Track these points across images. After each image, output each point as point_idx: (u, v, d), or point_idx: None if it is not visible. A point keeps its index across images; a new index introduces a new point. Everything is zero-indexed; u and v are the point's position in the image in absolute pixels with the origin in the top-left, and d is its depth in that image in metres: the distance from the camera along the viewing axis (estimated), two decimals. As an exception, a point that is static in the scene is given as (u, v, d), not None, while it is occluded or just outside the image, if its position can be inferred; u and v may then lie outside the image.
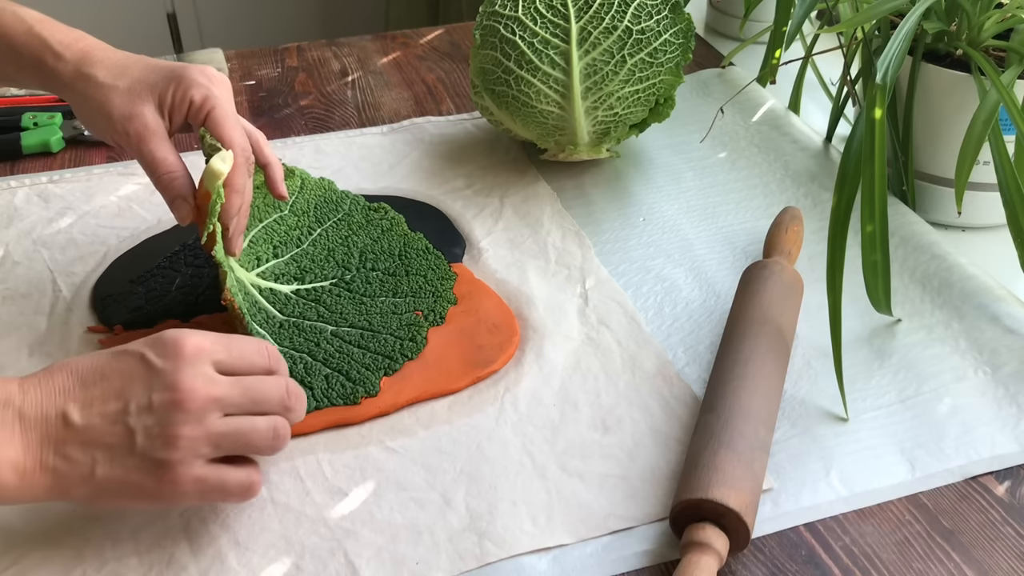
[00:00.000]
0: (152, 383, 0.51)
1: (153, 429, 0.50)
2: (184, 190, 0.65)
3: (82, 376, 0.52)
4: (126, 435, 0.50)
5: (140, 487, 0.51)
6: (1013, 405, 0.64)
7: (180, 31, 2.33)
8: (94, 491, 0.51)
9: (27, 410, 0.50)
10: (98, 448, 0.50)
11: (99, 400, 0.51)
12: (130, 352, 0.53)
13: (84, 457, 0.50)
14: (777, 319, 0.65)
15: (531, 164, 0.90)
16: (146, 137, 0.65)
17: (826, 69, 0.99)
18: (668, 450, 0.61)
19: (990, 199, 0.79)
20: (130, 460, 0.51)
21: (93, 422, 0.51)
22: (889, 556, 0.55)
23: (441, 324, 0.70)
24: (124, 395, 0.51)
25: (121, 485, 0.51)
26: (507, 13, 0.82)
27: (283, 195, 0.72)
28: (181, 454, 0.51)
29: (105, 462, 0.50)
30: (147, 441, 0.50)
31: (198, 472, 0.51)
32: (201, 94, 0.66)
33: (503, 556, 0.55)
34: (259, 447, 0.53)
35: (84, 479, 0.50)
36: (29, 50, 0.67)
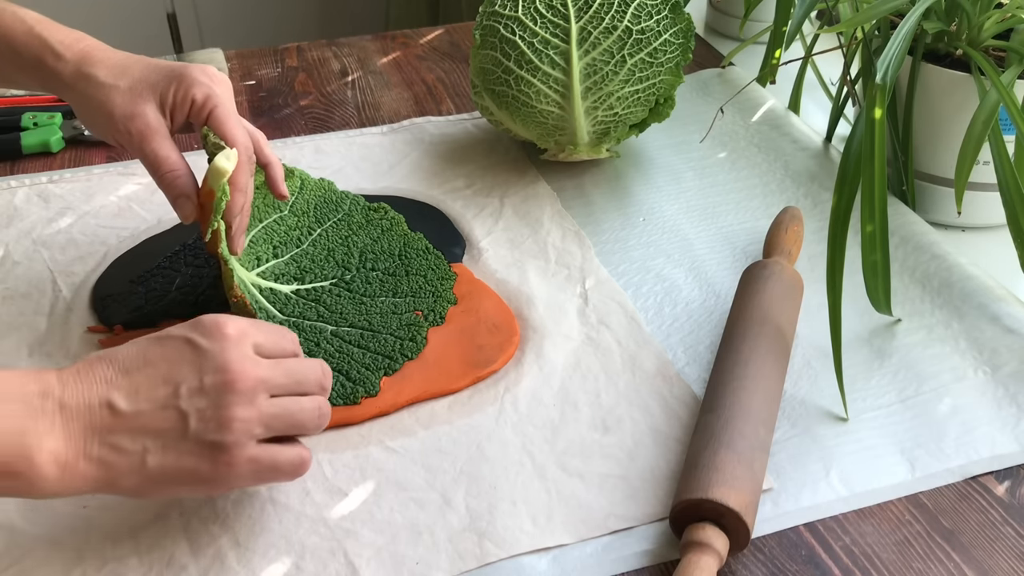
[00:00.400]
0: (202, 365, 0.51)
1: (207, 412, 0.50)
2: (187, 188, 0.65)
3: (123, 364, 0.51)
4: (179, 419, 0.50)
5: (194, 472, 0.50)
6: (1013, 405, 0.64)
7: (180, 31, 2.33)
8: (144, 480, 0.50)
9: (68, 400, 0.49)
10: (149, 435, 0.49)
11: (146, 386, 0.50)
12: (173, 336, 0.52)
13: (134, 445, 0.49)
14: (777, 319, 0.65)
15: (531, 164, 0.90)
16: (148, 136, 0.65)
17: (826, 69, 0.99)
18: (668, 450, 0.61)
19: (990, 199, 0.79)
20: (184, 445, 0.50)
21: (142, 408, 0.50)
22: (889, 556, 0.55)
23: (441, 324, 0.71)
24: (173, 379, 0.50)
25: (174, 472, 0.50)
26: (507, 13, 0.82)
27: (284, 194, 0.72)
28: (236, 436, 0.50)
29: (157, 449, 0.49)
30: (201, 424, 0.50)
31: (252, 452, 0.51)
32: (203, 93, 0.66)
33: (503, 556, 0.55)
34: (307, 426, 0.53)
35: (134, 469, 0.49)
36: (29, 50, 0.67)
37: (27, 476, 0.47)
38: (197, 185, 0.66)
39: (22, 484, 0.48)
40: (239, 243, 0.68)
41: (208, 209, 0.64)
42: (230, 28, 2.36)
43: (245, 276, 0.69)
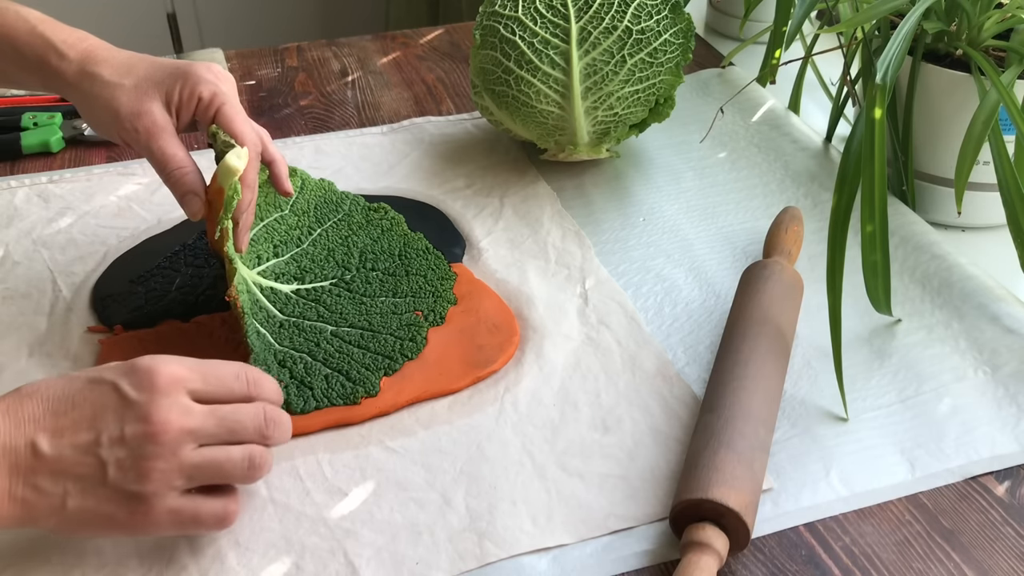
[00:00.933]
0: (124, 414, 0.50)
1: (125, 461, 0.50)
2: (195, 185, 0.65)
3: (52, 404, 0.50)
4: (97, 466, 0.49)
5: (111, 518, 0.50)
6: (1013, 405, 0.64)
7: (180, 31, 2.33)
8: (64, 522, 0.50)
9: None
10: (69, 479, 0.49)
11: (70, 430, 0.50)
12: (104, 380, 0.51)
13: (55, 488, 0.49)
14: (777, 319, 0.65)
15: (531, 164, 0.90)
16: (155, 133, 0.65)
17: (826, 69, 0.99)
18: (668, 450, 0.61)
19: (990, 199, 0.79)
20: (102, 491, 0.50)
21: (64, 452, 0.49)
22: (889, 556, 0.55)
23: (441, 324, 0.70)
24: (96, 425, 0.50)
25: (92, 516, 0.50)
26: (507, 13, 0.82)
27: (289, 191, 0.72)
28: (154, 486, 0.50)
29: (76, 493, 0.49)
30: (119, 473, 0.49)
31: (172, 504, 0.51)
32: (209, 91, 0.66)
33: (503, 556, 0.55)
34: (234, 477, 0.53)
35: (54, 510, 0.49)
36: (32, 50, 0.67)
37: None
38: (204, 182, 0.66)
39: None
40: (244, 240, 0.68)
41: (216, 206, 0.64)
42: (230, 28, 2.36)
43: (247, 275, 0.69)
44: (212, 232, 0.66)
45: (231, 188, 0.62)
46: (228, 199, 0.62)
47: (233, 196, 0.63)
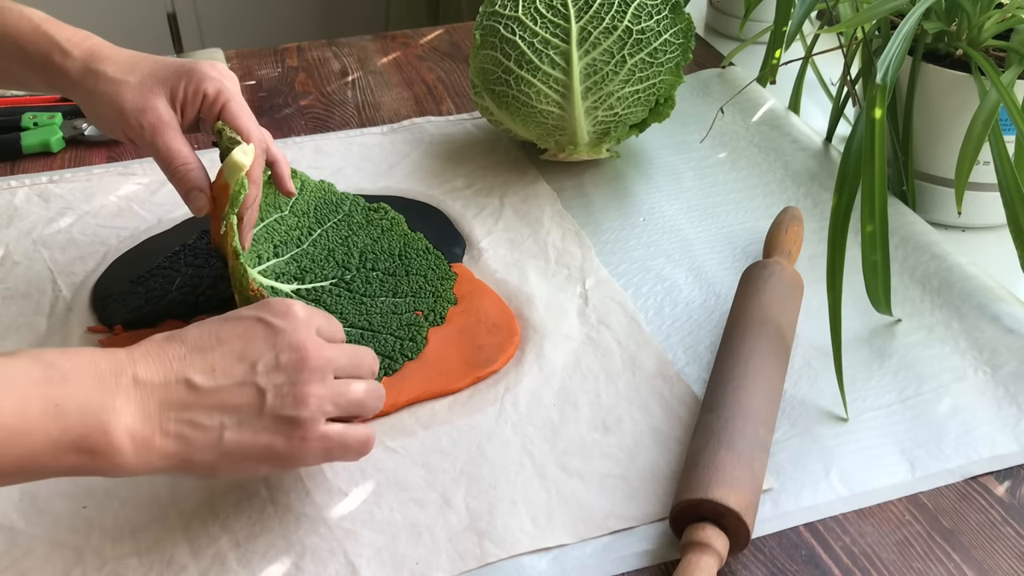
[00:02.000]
0: (277, 343, 0.52)
1: (283, 387, 0.51)
2: (200, 181, 0.65)
3: (196, 342, 0.51)
4: (256, 395, 0.50)
5: (269, 448, 0.51)
6: (1013, 405, 0.64)
7: (180, 31, 2.33)
8: (220, 456, 0.50)
9: (143, 376, 0.49)
10: (226, 411, 0.50)
11: (222, 363, 0.51)
12: (244, 317, 0.53)
13: (211, 421, 0.50)
14: (777, 319, 0.65)
15: (531, 164, 0.90)
16: (160, 129, 0.65)
17: (826, 69, 0.99)
18: (668, 450, 0.61)
19: (990, 199, 0.79)
20: (260, 421, 0.50)
21: (220, 384, 0.50)
22: (889, 556, 0.55)
23: (441, 324, 0.71)
24: (249, 356, 0.51)
25: (250, 447, 0.50)
26: (507, 13, 0.82)
27: (291, 191, 0.72)
28: (311, 412, 0.51)
29: (234, 425, 0.50)
30: (278, 399, 0.50)
31: (323, 430, 0.52)
32: (214, 88, 0.66)
33: (503, 556, 0.55)
34: (367, 407, 0.55)
35: (211, 445, 0.50)
36: (36, 48, 0.67)
37: (104, 452, 0.47)
38: (209, 179, 0.66)
39: (100, 461, 0.48)
40: (248, 236, 0.68)
41: (220, 203, 0.64)
42: (230, 28, 2.36)
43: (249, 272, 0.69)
44: (216, 229, 0.66)
45: (238, 183, 0.62)
46: (235, 194, 0.63)
47: (240, 191, 0.63)
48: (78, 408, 0.47)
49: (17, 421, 0.45)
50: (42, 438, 0.46)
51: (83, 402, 0.47)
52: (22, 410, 0.45)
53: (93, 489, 0.58)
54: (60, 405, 0.46)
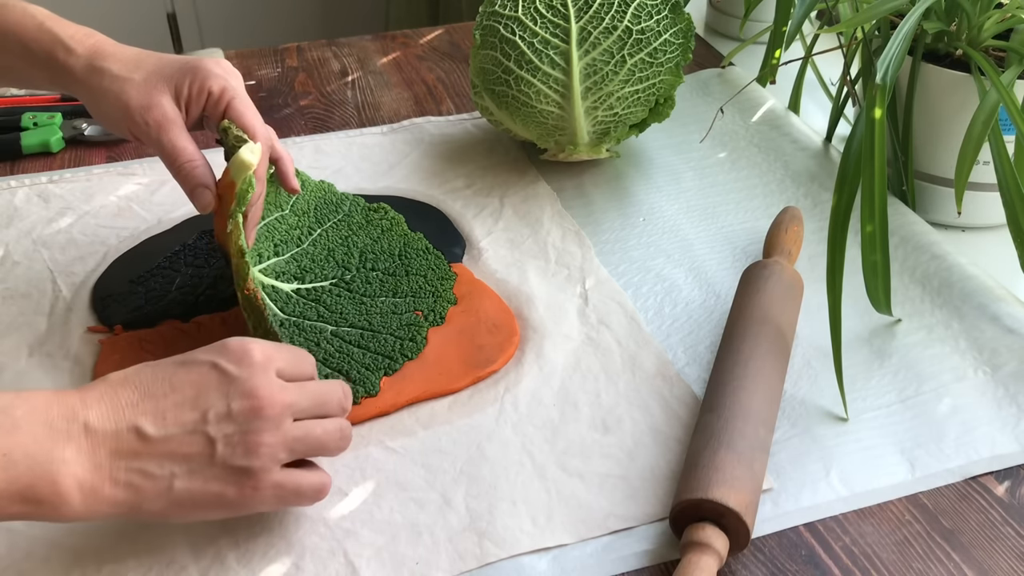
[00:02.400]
0: (229, 391, 0.51)
1: (234, 437, 0.50)
2: (205, 178, 0.65)
3: (148, 388, 0.50)
4: (207, 444, 0.50)
5: (220, 496, 0.50)
6: (1013, 405, 0.64)
7: (180, 31, 2.33)
8: (170, 505, 0.50)
9: (94, 423, 0.49)
10: (176, 460, 0.49)
11: (173, 411, 0.50)
12: (198, 361, 0.52)
13: (161, 471, 0.49)
14: (777, 319, 0.65)
15: (531, 164, 0.90)
16: (165, 126, 0.65)
17: (826, 69, 0.99)
18: (668, 450, 0.61)
19: (990, 199, 0.79)
20: (211, 470, 0.50)
21: (171, 433, 0.49)
22: (889, 556, 0.55)
23: (441, 324, 0.70)
24: (200, 404, 0.50)
25: (200, 496, 0.50)
26: (507, 13, 0.82)
27: (295, 188, 0.72)
28: (262, 461, 0.50)
29: (184, 474, 0.49)
30: (228, 449, 0.50)
31: (276, 478, 0.51)
32: (219, 85, 0.66)
33: (503, 556, 0.55)
34: (330, 449, 0.54)
35: (160, 493, 0.49)
36: (40, 45, 0.67)
37: (51, 502, 0.47)
38: (214, 176, 0.66)
39: (46, 510, 0.47)
40: (251, 234, 0.68)
41: (226, 200, 0.64)
42: (230, 28, 2.36)
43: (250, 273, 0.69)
44: (221, 227, 0.66)
45: (245, 181, 0.62)
46: (243, 192, 0.63)
47: (248, 189, 0.63)
48: (26, 458, 0.46)
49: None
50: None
51: (32, 452, 0.47)
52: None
53: (93, 489, 0.58)
54: (8, 455, 0.46)
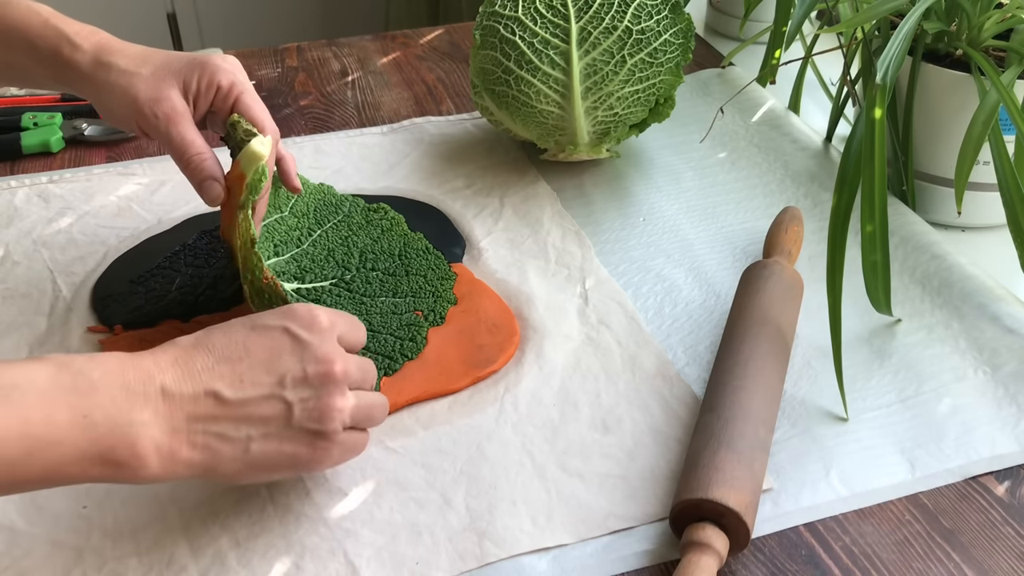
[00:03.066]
0: (303, 355, 0.52)
1: (310, 402, 0.51)
2: (214, 171, 0.65)
3: (222, 352, 0.51)
4: (284, 408, 0.51)
5: (294, 457, 0.52)
6: (1013, 405, 0.64)
7: (180, 31, 2.33)
8: (245, 466, 0.51)
9: (171, 388, 0.49)
10: (253, 423, 0.51)
11: (249, 374, 0.51)
12: (269, 326, 0.53)
13: (237, 433, 0.50)
14: (777, 319, 0.65)
15: (531, 164, 0.90)
16: (174, 119, 0.65)
17: (826, 69, 0.99)
18: (668, 450, 0.61)
19: (990, 199, 0.79)
20: (287, 433, 0.51)
21: (248, 396, 0.50)
22: (889, 556, 0.55)
23: (441, 324, 0.70)
24: (276, 368, 0.51)
25: (274, 458, 0.51)
26: (507, 13, 0.82)
27: (297, 187, 0.73)
28: (335, 424, 0.52)
29: (260, 437, 0.51)
30: (304, 413, 0.51)
31: (342, 439, 0.53)
32: (228, 80, 0.66)
33: (503, 556, 0.55)
34: (376, 420, 0.56)
35: (237, 456, 0.50)
36: (45, 42, 0.67)
37: (130, 464, 0.48)
38: (223, 169, 0.66)
39: (125, 472, 0.48)
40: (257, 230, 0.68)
41: (235, 193, 0.64)
42: (230, 28, 2.36)
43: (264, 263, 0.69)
44: (227, 221, 0.66)
45: (257, 171, 0.63)
46: (255, 182, 0.63)
47: (261, 178, 0.63)
48: (107, 420, 0.47)
49: (45, 431, 0.45)
50: (70, 449, 0.46)
51: (111, 414, 0.47)
52: (51, 420, 0.45)
53: (93, 489, 0.58)
54: (88, 416, 0.46)
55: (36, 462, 0.45)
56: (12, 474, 0.45)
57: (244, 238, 0.64)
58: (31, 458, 0.45)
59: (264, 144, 0.64)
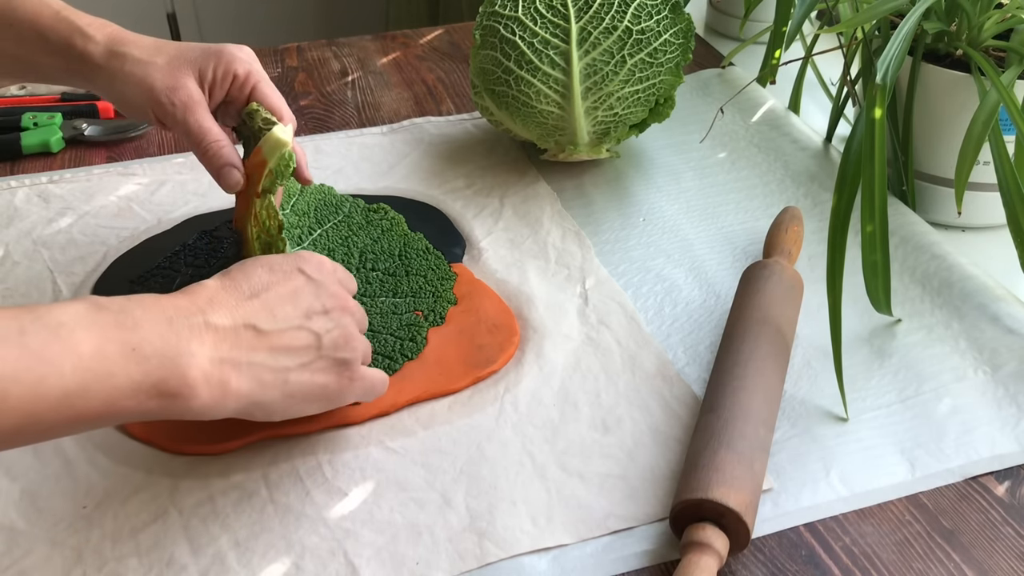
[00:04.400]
0: (319, 292, 0.56)
1: (333, 332, 0.55)
2: (233, 158, 0.66)
3: (250, 288, 0.54)
4: (313, 338, 0.54)
5: (324, 388, 0.55)
6: (1013, 405, 0.64)
7: (180, 31, 2.33)
8: (284, 397, 0.53)
9: (213, 321, 0.51)
10: (290, 353, 0.53)
11: (279, 307, 0.54)
12: (282, 267, 0.56)
13: (277, 363, 0.53)
14: (777, 319, 0.65)
15: (531, 164, 0.90)
16: (191, 107, 0.65)
17: (826, 69, 0.99)
18: (668, 450, 0.61)
19: (990, 199, 0.80)
20: (318, 363, 0.54)
21: (282, 327, 0.53)
22: (889, 556, 0.55)
23: (441, 324, 0.70)
24: (299, 303, 0.55)
25: (308, 388, 0.54)
26: (507, 13, 0.82)
27: (310, 179, 0.73)
28: (356, 353, 0.56)
29: (296, 367, 0.53)
30: (331, 342, 0.55)
31: (361, 370, 0.57)
32: (244, 68, 0.67)
33: (503, 556, 0.55)
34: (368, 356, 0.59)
35: (278, 385, 0.53)
36: (57, 33, 0.67)
37: (183, 394, 0.48)
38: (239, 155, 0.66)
39: (179, 403, 0.48)
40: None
41: (254, 181, 0.65)
42: (230, 28, 2.36)
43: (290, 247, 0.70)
44: (242, 209, 0.66)
45: (284, 157, 0.63)
46: (283, 167, 0.64)
47: (288, 164, 0.64)
48: (155, 353, 0.47)
49: (98, 364, 0.46)
50: (124, 381, 0.46)
51: (159, 347, 0.48)
52: (102, 353, 0.46)
53: (93, 489, 0.59)
54: (137, 349, 0.47)
55: (93, 395, 0.45)
56: (72, 408, 0.45)
57: (269, 224, 0.64)
58: (88, 391, 0.45)
59: (286, 132, 0.64)
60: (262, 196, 0.64)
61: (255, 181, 0.64)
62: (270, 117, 0.66)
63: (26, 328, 0.44)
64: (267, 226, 0.64)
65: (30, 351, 0.44)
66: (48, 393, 0.44)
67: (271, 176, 0.64)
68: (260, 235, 0.65)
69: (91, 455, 0.61)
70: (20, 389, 0.43)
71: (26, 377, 0.43)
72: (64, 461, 0.60)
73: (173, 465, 0.60)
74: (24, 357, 0.44)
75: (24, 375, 0.43)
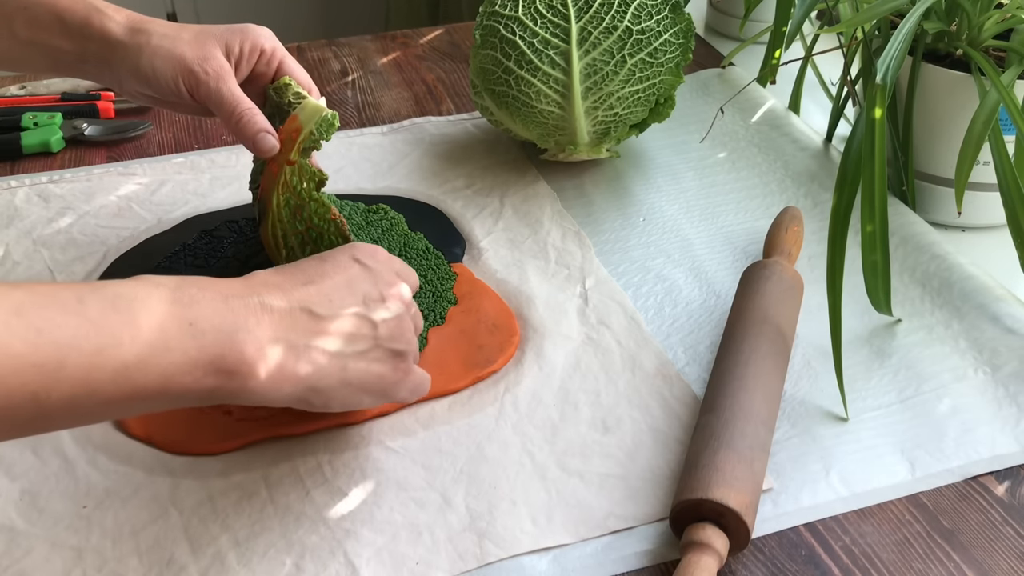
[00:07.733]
0: (376, 280, 0.55)
1: (390, 322, 0.55)
2: (267, 124, 0.66)
3: (305, 276, 0.54)
4: (370, 327, 0.54)
5: (380, 377, 0.54)
6: (1013, 405, 0.64)
7: (180, 31, 2.33)
8: (340, 384, 0.52)
9: (273, 304, 0.50)
10: (347, 340, 0.53)
11: (335, 294, 0.53)
12: (337, 258, 0.56)
13: (334, 348, 0.52)
14: (777, 319, 0.65)
15: (531, 164, 0.90)
16: (224, 76, 0.66)
17: (826, 69, 0.99)
18: (668, 450, 0.61)
19: (990, 199, 0.80)
20: (374, 352, 0.54)
21: (338, 313, 0.53)
22: (889, 556, 0.55)
23: (441, 324, 0.70)
24: (356, 291, 0.54)
25: (364, 376, 0.53)
26: (507, 13, 0.82)
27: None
28: (410, 346, 0.56)
29: (353, 355, 0.53)
30: (387, 332, 0.54)
31: (412, 365, 0.57)
32: (271, 44, 0.69)
33: (503, 556, 0.55)
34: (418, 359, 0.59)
35: (334, 372, 0.52)
36: (74, 14, 0.67)
37: (241, 373, 0.48)
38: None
39: (236, 382, 0.48)
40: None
41: (285, 149, 0.65)
42: (230, 28, 2.36)
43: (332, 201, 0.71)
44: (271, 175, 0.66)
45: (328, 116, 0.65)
46: (328, 126, 0.65)
47: (333, 123, 0.65)
48: (213, 329, 0.47)
49: (156, 336, 0.45)
50: (181, 356, 0.46)
51: (216, 324, 0.47)
52: (159, 326, 0.45)
53: (93, 489, 0.59)
54: (194, 325, 0.46)
55: (151, 369, 0.45)
56: (129, 381, 0.44)
57: (301, 187, 0.65)
58: (145, 365, 0.44)
59: (321, 102, 0.66)
60: (303, 155, 0.65)
61: (287, 150, 0.65)
62: (301, 91, 0.68)
63: (85, 297, 0.44)
64: (299, 189, 0.65)
65: (89, 320, 0.43)
66: (106, 364, 0.43)
67: (311, 138, 0.65)
68: (290, 200, 0.66)
69: (91, 455, 0.61)
70: (78, 357, 0.42)
71: (85, 345, 0.42)
72: (64, 461, 0.60)
73: (173, 465, 0.60)
74: (83, 325, 0.43)
75: (83, 343, 0.42)
